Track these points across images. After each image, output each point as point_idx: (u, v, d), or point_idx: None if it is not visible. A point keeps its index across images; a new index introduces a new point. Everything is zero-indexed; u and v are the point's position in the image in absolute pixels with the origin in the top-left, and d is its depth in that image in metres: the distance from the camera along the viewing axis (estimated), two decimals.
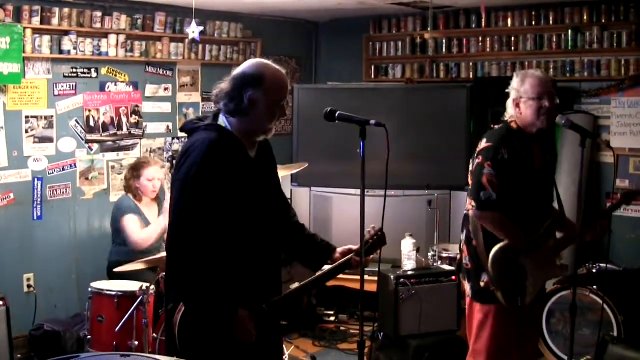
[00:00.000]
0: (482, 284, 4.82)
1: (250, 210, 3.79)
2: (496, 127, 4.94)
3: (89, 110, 7.67)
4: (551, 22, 8.28)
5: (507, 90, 4.90)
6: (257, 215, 3.84)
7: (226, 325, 3.69)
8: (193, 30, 7.40)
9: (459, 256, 5.33)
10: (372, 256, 4.21)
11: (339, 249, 4.24)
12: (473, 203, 4.73)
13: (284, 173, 7.02)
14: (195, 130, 3.82)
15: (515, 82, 4.84)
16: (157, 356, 2.16)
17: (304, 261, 4.35)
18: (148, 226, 6.97)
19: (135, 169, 7.16)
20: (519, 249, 4.72)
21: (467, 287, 4.99)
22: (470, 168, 4.90)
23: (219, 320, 3.70)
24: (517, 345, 4.95)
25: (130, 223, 6.96)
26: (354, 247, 4.16)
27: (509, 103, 4.85)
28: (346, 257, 4.14)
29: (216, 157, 3.65)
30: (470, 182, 4.87)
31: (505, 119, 4.89)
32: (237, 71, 3.85)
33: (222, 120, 3.82)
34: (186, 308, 3.72)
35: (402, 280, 6.59)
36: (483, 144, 4.80)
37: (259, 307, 3.85)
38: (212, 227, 3.63)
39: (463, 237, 5.03)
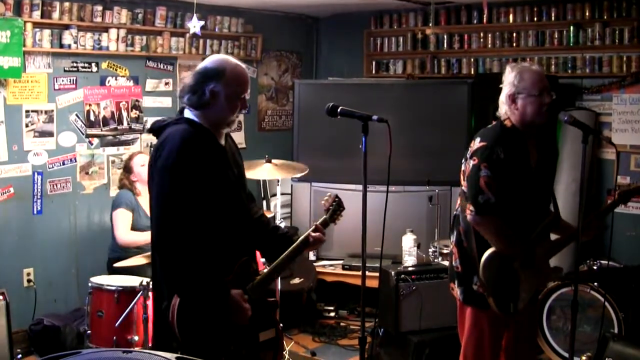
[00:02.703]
0: (474, 287, 4.70)
1: (227, 195, 3.95)
2: (489, 125, 4.84)
3: (89, 105, 7.66)
4: (553, 18, 8.26)
5: (501, 86, 4.76)
6: (233, 200, 4.01)
7: (222, 307, 3.81)
8: (194, 24, 7.40)
9: (448, 259, 5.17)
10: (338, 220, 4.51)
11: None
12: (471, 207, 4.56)
13: (285, 175, 7.01)
14: (163, 128, 3.99)
15: (511, 77, 4.68)
16: (158, 352, 2.14)
17: (264, 252, 4.53)
18: (147, 219, 6.97)
19: (125, 165, 7.34)
20: (514, 257, 4.61)
21: (457, 291, 4.84)
22: (463, 168, 4.77)
23: (214, 303, 3.82)
24: (513, 347, 4.90)
25: (120, 217, 6.99)
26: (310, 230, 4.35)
27: (503, 99, 4.71)
28: (303, 236, 4.30)
29: (190, 145, 3.82)
30: (463, 182, 4.75)
31: (500, 116, 4.76)
32: (199, 66, 4.05)
33: (188, 114, 3.99)
34: (181, 299, 3.81)
35: (402, 276, 6.59)
36: (477, 143, 4.65)
37: (244, 290, 3.99)
38: (195, 214, 3.75)
39: (453, 238, 4.88)
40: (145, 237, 6.81)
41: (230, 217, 3.97)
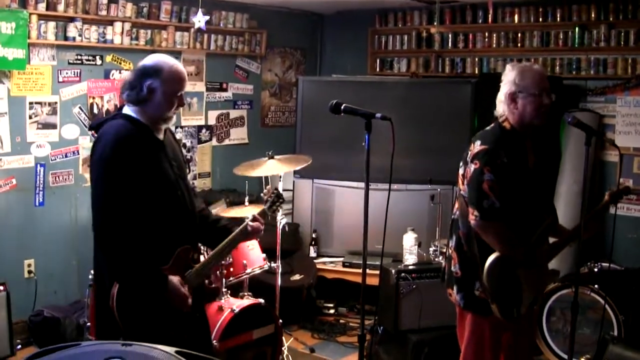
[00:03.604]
0: (476, 292, 4.62)
1: (163, 188, 4.09)
2: (487, 128, 4.77)
3: (93, 98, 7.66)
4: (558, 19, 8.27)
5: (501, 84, 4.69)
6: (170, 193, 4.14)
7: (159, 293, 3.98)
8: (199, 19, 7.40)
9: (444, 264, 5.04)
10: (276, 213, 4.77)
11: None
12: (476, 213, 4.47)
13: (287, 169, 7.01)
14: (102, 124, 4.14)
15: (512, 75, 4.61)
16: (158, 345, 2.14)
17: (206, 243, 4.81)
18: None
19: None
20: (517, 260, 4.55)
21: (456, 297, 4.75)
22: (462, 172, 4.70)
23: (151, 289, 3.99)
24: (512, 350, 4.84)
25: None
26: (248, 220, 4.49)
27: (502, 97, 4.63)
28: (241, 226, 4.44)
29: (124, 140, 3.97)
30: (462, 186, 4.67)
31: (498, 116, 4.69)
32: (139, 64, 4.20)
33: (127, 110, 4.16)
34: (120, 286, 3.98)
35: (403, 274, 6.59)
36: (477, 146, 4.58)
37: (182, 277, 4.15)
38: (129, 205, 3.91)
39: (452, 243, 4.78)
40: None
41: (167, 209, 4.10)
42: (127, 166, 3.91)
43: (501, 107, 4.66)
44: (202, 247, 5.56)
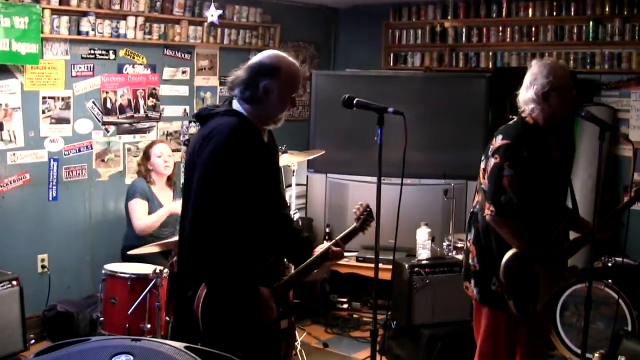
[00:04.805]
0: (493, 287, 4.61)
1: (264, 194, 3.94)
2: (510, 122, 4.75)
3: (106, 92, 7.67)
4: (572, 13, 8.24)
5: (534, 83, 4.53)
6: (269, 199, 4.01)
7: (249, 303, 3.82)
8: (212, 13, 7.40)
9: (462, 257, 5.06)
10: (367, 228, 4.38)
11: (319, 247, 4.34)
12: (492, 207, 4.45)
13: (300, 159, 7.01)
14: (211, 117, 3.94)
15: (544, 73, 4.49)
16: (167, 341, 2.14)
17: (286, 255, 4.43)
18: (156, 211, 6.98)
19: (145, 152, 7.30)
20: (534, 258, 4.52)
21: (473, 290, 4.74)
22: (483, 166, 4.65)
23: (242, 299, 3.82)
24: (528, 346, 4.85)
25: (136, 207, 6.98)
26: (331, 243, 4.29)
27: (533, 96, 4.51)
28: (324, 248, 4.24)
29: (238, 140, 3.77)
30: (482, 180, 4.63)
31: (522, 113, 4.62)
32: (254, 60, 4.01)
33: (237, 107, 3.94)
34: (208, 290, 3.80)
35: (416, 269, 6.58)
36: (499, 141, 4.53)
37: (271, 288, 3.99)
38: (234, 209, 3.73)
39: (471, 236, 4.77)
40: (159, 217, 6.93)
41: (264, 215, 3.97)
42: (237, 169, 3.75)
43: (530, 105, 4.56)
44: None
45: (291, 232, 4.37)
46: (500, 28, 8.83)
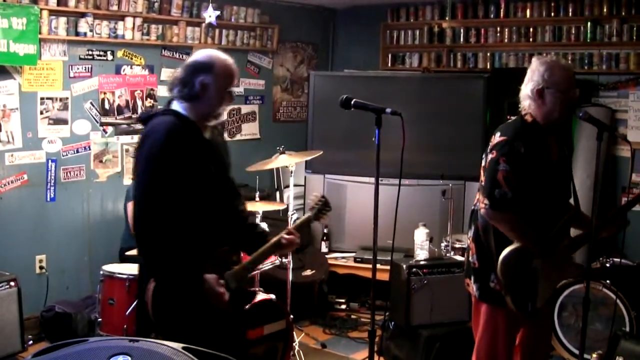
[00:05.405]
0: (491, 284, 4.62)
1: (207, 188, 4.08)
2: (510, 120, 4.77)
3: (104, 93, 7.67)
4: (570, 13, 8.23)
5: (531, 79, 4.57)
6: (214, 193, 4.13)
7: (194, 290, 3.96)
8: (210, 14, 7.41)
9: (464, 254, 5.10)
10: (322, 219, 4.69)
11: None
12: (486, 201, 4.48)
13: (298, 160, 7.02)
14: (151, 118, 4.11)
15: (540, 71, 4.53)
16: (165, 342, 2.14)
17: (239, 247, 4.59)
18: None
19: None
20: (533, 252, 4.53)
21: (473, 287, 4.75)
22: (483, 163, 4.66)
23: (187, 288, 3.96)
24: (528, 345, 4.86)
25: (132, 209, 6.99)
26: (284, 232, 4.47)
27: (529, 92, 4.57)
28: (277, 237, 4.39)
29: (175, 137, 3.93)
30: (482, 177, 4.64)
31: (521, 111, 4.64)
32: (189, 59, 4.21)
33: (177, 106, 4.11)
34: (157, 282, 3.99)
35: (414, 269, 6.58)
36: (497, 138, 4.56)
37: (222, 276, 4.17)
38: (172, 203, 3.90)
39: (470, 233, 4.78)
40: None
41: (208, 209, 4.08)
42: (175, 164, 3.89)
43: (527, 102, 4.61)
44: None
45: (245, 225, 4.49)
46: (498, 28, 8.82)
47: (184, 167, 3.91)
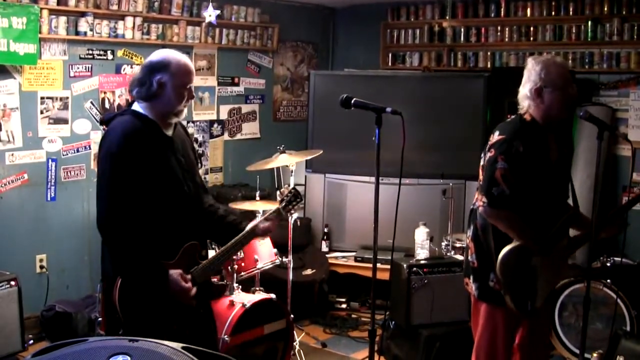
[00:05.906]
0: (491, 284, 4.62)
1: (169, 184, 4.16)
2: (508, 119, 4.78)
3: (105, 92, 7.67)
4: (571, 12, 8.23)
5: (528, 80, 4.59)
6: (177, 189, 4.20)
7: (160, 287, 4.04)
8: (210, 13, 7.40)
9: (463, 253, 5.10)
10: (292, 211, 4.61)
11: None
12: (484, 199, 4.50)
13: (298, 159, 7.01)
14: (112, 119, 4.22)
15: (536, 70, 4.55)
16: (164, 341, 2.14)
17: (212, 238, 4.82)
18: None
19: None
20: (531, 250, 4.53)
21: (472, 286, 4.76)
22: (482, 162, 4.67)
23: (151, 282, 4.05)
24: (528, 345, 4.86)
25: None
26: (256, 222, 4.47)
27: (527, 93, 4.57)
28: (250, 226, 4.41)
29: (130, 135, 4.04)
30: (481, 176, 4.65)
31: (520, 111, 4.65)
32: (145, 60, 4.27)
33: (136, 106, 4.21)
34: (122, 280, 4.06)
35: (414, 269, 6.57)
36: (496, 136, 4.57)
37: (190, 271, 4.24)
38: (133, 200, 4.00)
39: (470, 233, 4.79)
40: None
41: (172, 204, 4.16)
42: (132, 162, 3.98)
43: (526, 102, 4.63)
44: (211, 244, 5.60)
45: (213, 218, 4.53)
46: (499, 28, 8.82)
47: (141, 164, 4.00)
